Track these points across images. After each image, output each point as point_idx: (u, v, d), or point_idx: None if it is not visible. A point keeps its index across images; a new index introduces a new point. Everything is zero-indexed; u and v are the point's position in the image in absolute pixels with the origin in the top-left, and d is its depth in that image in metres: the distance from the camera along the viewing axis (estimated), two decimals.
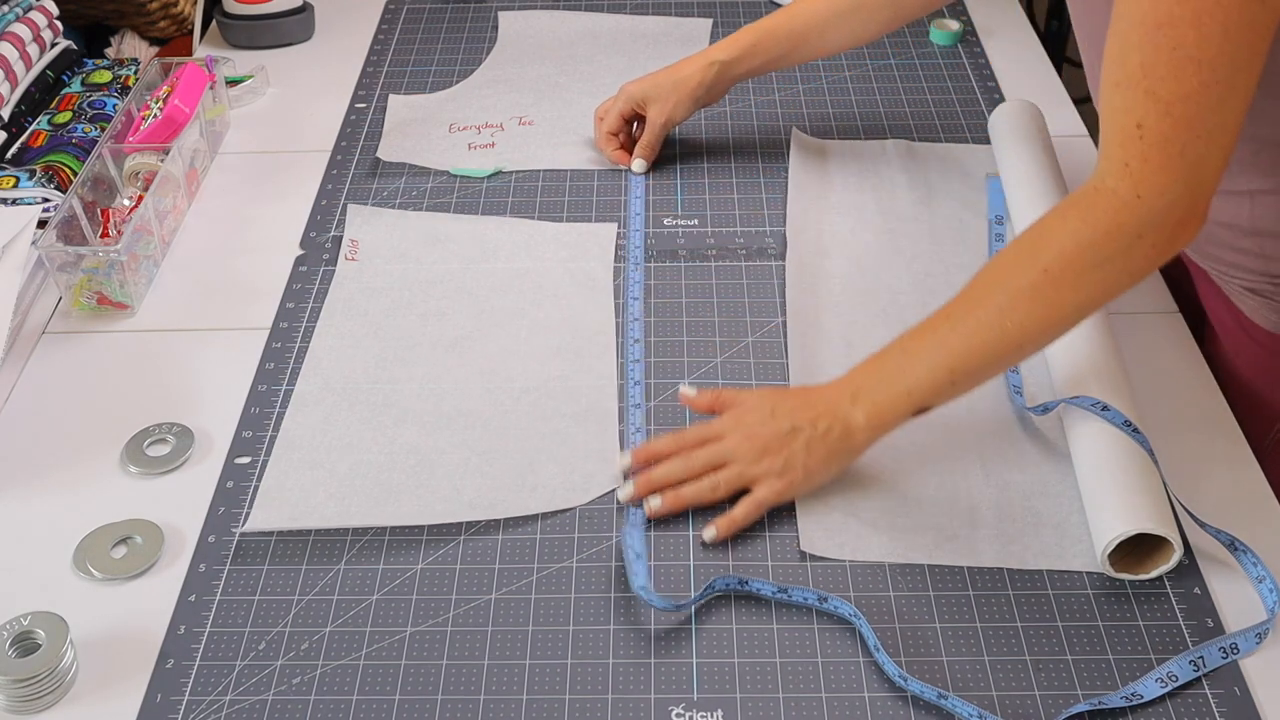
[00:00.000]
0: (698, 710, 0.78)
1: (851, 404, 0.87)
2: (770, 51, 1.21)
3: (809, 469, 0.88)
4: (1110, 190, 0.79)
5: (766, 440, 0.88)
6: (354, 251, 1.16)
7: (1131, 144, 0.78)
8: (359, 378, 1.02)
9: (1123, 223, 0.79)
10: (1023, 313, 0.82)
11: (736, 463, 0.88)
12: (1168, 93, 0.75)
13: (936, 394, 0.86)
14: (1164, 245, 0.80)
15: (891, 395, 0.87)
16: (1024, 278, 0.82)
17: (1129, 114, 0.77)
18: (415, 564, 0.87)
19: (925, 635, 0.82)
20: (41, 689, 0.78)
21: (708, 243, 1.18)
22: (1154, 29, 0.74)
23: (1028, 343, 0.84)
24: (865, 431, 0.87)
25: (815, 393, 0.90)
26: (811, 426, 0.87)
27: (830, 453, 0.88)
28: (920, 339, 0.87)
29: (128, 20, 1.51)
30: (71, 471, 0.95)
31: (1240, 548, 0.85)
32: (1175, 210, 0.79)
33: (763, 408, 0.90)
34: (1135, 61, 0.76)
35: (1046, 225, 0.83)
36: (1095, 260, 0.80)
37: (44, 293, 1.12)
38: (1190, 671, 0.79)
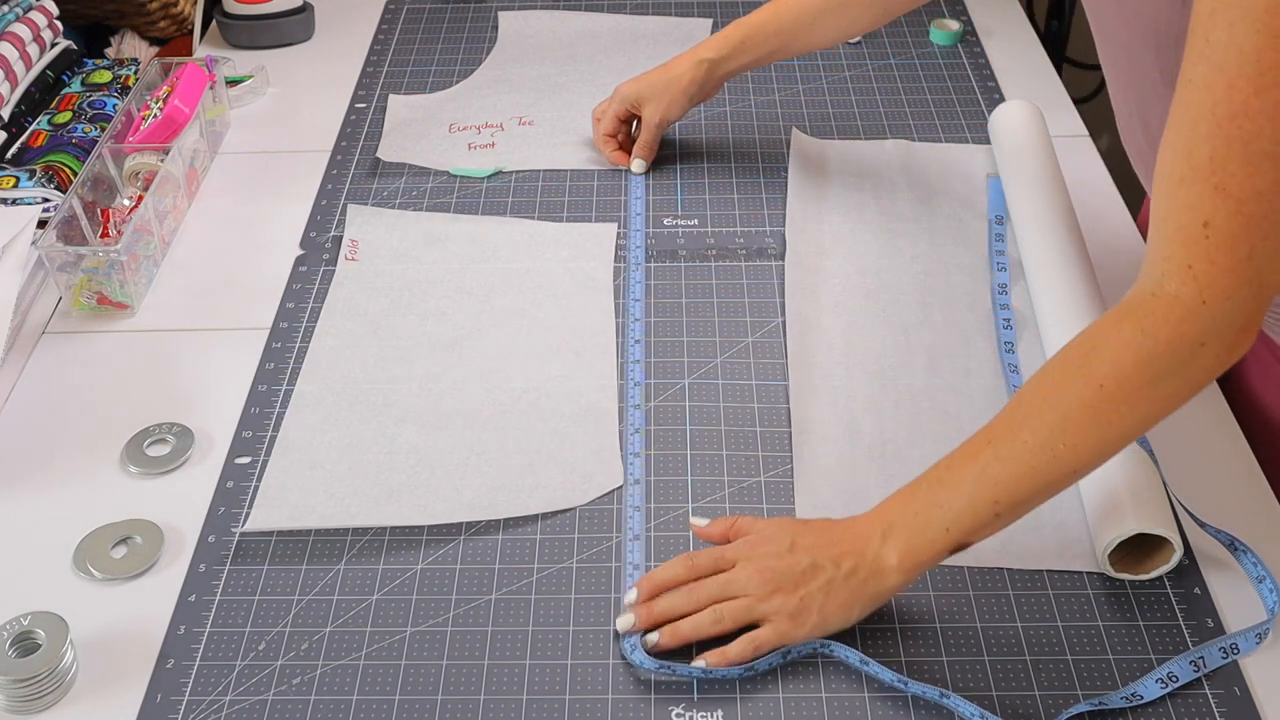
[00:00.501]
0: (698, 710, 0.78)
1: (883, 542, 0.79)
2: (760, 48, 1.21)
3: (825, 613, 0.79)
4: (1171, 296, 0.72)
5: (781, 575, 0.80)
6: (354, 251, 1.16)
7: (1196, 244, 0.70)
8: (359, 377, 1.02)
9: (1185, 332, 0.72)
10: (1076, 434, 0.74)
11: (746, 596, 0.80)
12: (1239, 189, 0.68)
13: (979, 528, 0.78)
14: (1225, 354, 0.73)
15: (929, 532, 0.78)
16: (1076, 396, 0.74)
17: (1195, 211, 0.70)
18: (415, 564, 0.87)
19: (925, 635, 0.82)
20: (41, 689, 0.78)
21: (708, 243, 1.18)
22: (1226, 121, 0.67)
23: (1082, 466, 0.76)
24: (898, 574, 0.79)
25: (841, 527, 0.82)
26: (834, 566, 0.79)
27: (853, 596, 0.79)
28: (959, 467, 0.78)
29: (128, 20, 1.51)
30: (71, 471, 0.95)
31: (1240, 548, 0.85)
32: (1240, 315, 0.72)
33: (781, 539, 0.82)
34: (1204, 154, 0.69)
35: (1098, 337, 0.75)
36: (1155, 374, 0.73)
37: (44, 293, 1.12)
38: (1190, 672, 0.79)
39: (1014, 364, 1.02)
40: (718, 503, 0.91)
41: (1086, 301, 1.01)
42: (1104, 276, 1.06)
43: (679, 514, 0.91)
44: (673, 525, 0.90)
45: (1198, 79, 0.69)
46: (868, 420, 0.98)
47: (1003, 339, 1.04)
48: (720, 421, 0.98)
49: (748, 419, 0.98)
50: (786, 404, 0.99)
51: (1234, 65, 0.67)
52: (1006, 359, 1.02)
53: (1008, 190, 1.18)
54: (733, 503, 0.91)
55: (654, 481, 0.93)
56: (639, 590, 0.83)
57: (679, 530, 0.89)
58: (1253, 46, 0.66)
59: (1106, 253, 1.11)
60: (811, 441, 0.96)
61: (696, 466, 0.94)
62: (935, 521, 0.78)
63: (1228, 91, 0.67)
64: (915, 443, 0.96)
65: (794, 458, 0.95)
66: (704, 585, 0.81)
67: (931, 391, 1.00)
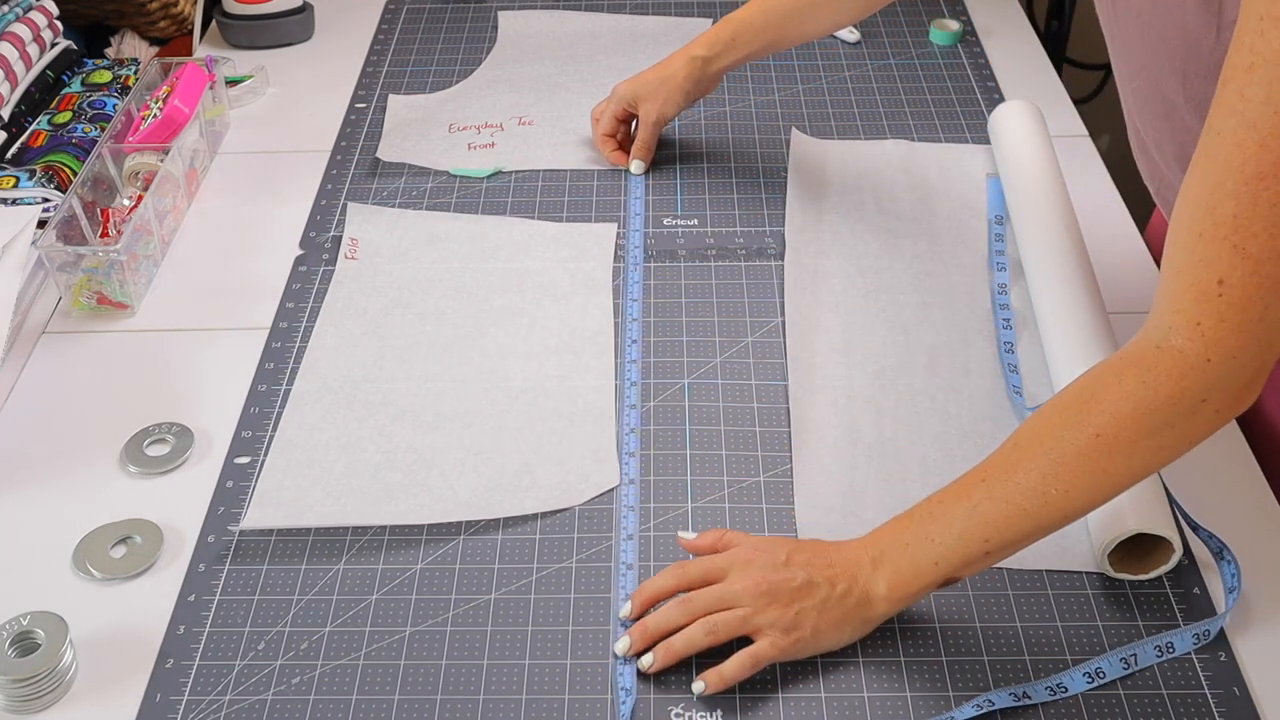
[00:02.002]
0: (698, 710, 0.78)
1: (873, 569, 0.79)
2: (751, 42, 1.21)
3: (819, 629, 0.79)
4: (1176, 350, 0.71)
5: (776, 588, 0.79)
6: (354, 250, 1.16)
7: (1208, 301, 0.69)
8: (357, 376, 1.02)
9: (1187, 387, 0.71)
10: (1070, 480, 0.74)
11: (740, 607, 0.79)
12: (1259, 250, 0.67)
13: (969, 564, 0.78)
14: (1227, 410, 0.73)
15: (918, 565, 0.78)
16: (1072, 442, 0.74)
17: (1211, 268, 0.69)
18: (415, 564, 0.87)
19: (925, 635, 0.82)
20: (41, 689, 0.78)
21: (707, 243, 1.18)
22: (1254, 180, 0.66)
23: (1073, 511, 0.76)
24: (886, 603, 0.79)
25: (833, 549, 0.81)
26: (830, 585, 0.79)
27: (845, 617, 0.79)
28: (952, 502, 0.78)
29: (128, 20, 1.51)
30: (71, 471, 0.95)
31: (1228, 558, 0.85)
32: (1245, 374, 0.71)
33: (775, 552, 0.81)
34: (1228, 212, 0.67)
35: (1098, 384, 0.75)
36: (1153, 426, 0.73)
37: (44, 293, 1.12)
38: (1120, 669, 0.79)
39: (1013, 364, 1.02)
40: (717, 503, 0.91)
41: (1086, 301, 1.01)
42: (1103, 276, 1.06)
43: (679, 513, 0.91)
44: (672, 525, 0.90)
45: (1228, 134, 0.67)
46: (867, 420, 0.98)
47: (1002, 339, 1.04)
48: (719, 421, 0.98)
49: (747, 419, 0.98)
50: (786, 404, 0.99)
51: (1268, 125, 0.65)
52: (1006, 359, 1.02)
53: (1008, 190, 1.18)
54: (732, 502, 0.91)
55: (654, 481, 0.93)
56: (632, 604, 0.82)
57: (679, 530, 0.89)
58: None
59: (1106, 253, 1.11)
60: (811, 441, 0.96)
61: (696, 466, 0.94)
62: (925, 554, 0.78)
63: (1258, 151, 0.66)
64: (915, 443, 0.96)
65: (793, 458, 0.95)
66: (698, 597, 0.80)
67: (931, 391, 1.00)
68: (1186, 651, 0.81)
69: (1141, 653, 0.80)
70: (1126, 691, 0.79)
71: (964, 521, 0.77)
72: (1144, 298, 1.10)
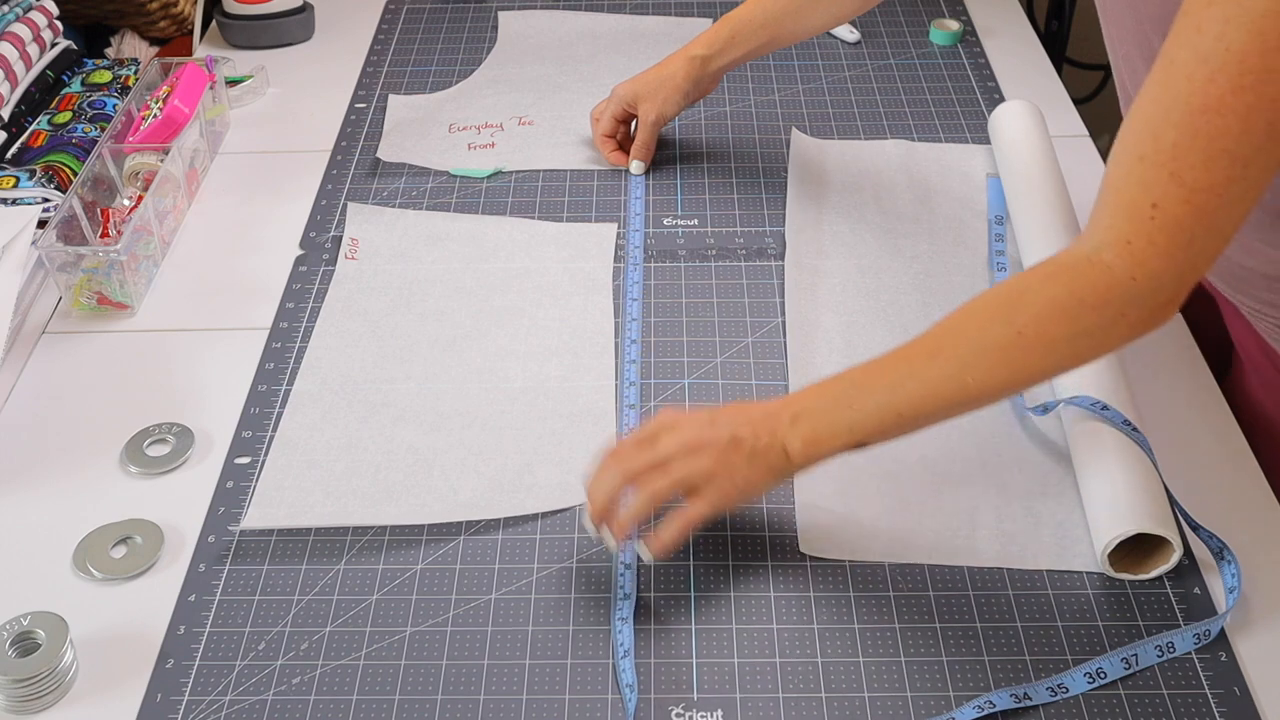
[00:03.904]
0: (698, 710, 0.78)
1: (791, 425, 0.82)
2: (750, 40, 1.21)
3: (749, 481, 0.83)
4: (1105, 265, 0.75)
5: (704, 445, 0.83)
6: (354, 250, 1.16)
7: (1141, 223, 0.73)
8: (357, 376, 1.03)
9: (1110, 300, 0.75)
10: (987, 370, 0.79)
11: (678, 463, 0.83)
12: (1194, 180, 0.70)
13: (881, 433, 0.82)
14: (1143, 324, 0.77)
15: (833, 427, 0.82)
16: (995, 336, 0.78)
17: (1146, 191, 0.72)
18: (415, 564, 0.88)
19: (925, 635, 0.82)
20: (41, 689, 0.78)
21: (707, 243, 1.18)
22: (1198, 112, 0.69)
23: (985, 398, 0.80)
24: (799, 457, 0.82)
25: (755, 408, 0.85)
26: (753, 439, 0.82)
27: (769, 469, 0.83)
28: (874, 376, 0.82)
29: (128, 20, 1.51)
30: (71, 471, 0.95)
31: (1228, 558, 0.85)
32: (1164, 293, 0.75)
33: (700, 417, 0.85)
34: (1169, 140, 0.70)
35: (1028, 285, 0.79)
36: (1073, 332, 0.77)
37: (44, 293, 1.12)
38: (1121, 669, 0.79)
39: None
40: None
41: None
42: None
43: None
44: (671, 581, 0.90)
45: (1180, 64, 0.70)
46: None
47: None
48: None
49: None
50: None
51: (1218, 60, 0.68)
52: None
53: (1008, 190, 1.18)
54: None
55: None
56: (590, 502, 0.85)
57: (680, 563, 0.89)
58: (1240, 46, 0.67)
59: None
60: None
61: None
62: (841, 419, 0.82)
63: (1205, 84, 0.69)
64: (915, 442, 0.96)
65: None
66: (631, 459, 0.84)
67: None
68: (1187, 651, 0.81)
69: (1142, 653, 0.80)
70: (1127, 691, 0.79)
71: (883, 394, 0.81)
72: None
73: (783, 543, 0.89)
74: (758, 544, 0.88)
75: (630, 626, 0.82)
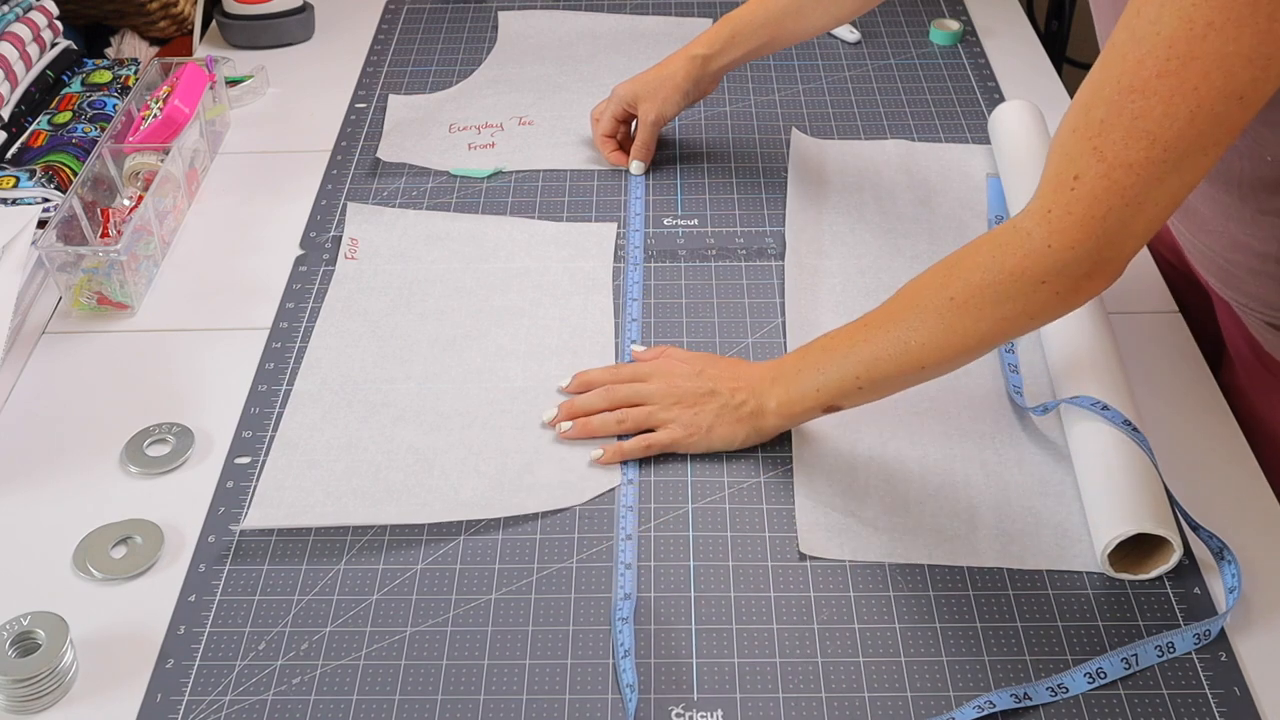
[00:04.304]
0: (698, 710, 0.78)
1: (770, 386, 0.91)
2: (750, 40, 1.21)
3: (713, 430, 0.93)
4: (1025, 231, 0.78)
5: (684, 392, 0.94)
6: (354, 250, 1.16)
7: (1062, 193, 0.76)
8: (358, 376, 1.03)
9: (1029, 267, 0.78)
10: (927, 334, 0.83)
11: (651, 404, 0.94)
12: (1114, 156, 0.73)
13: (844, 397, 0.89)
14: (1068, 294, 0.79)
15: (804, 389, 0.89)
16: (933, 301, 0.83)
17: (1071, 163, 0.75)
18: (415, 564, 0.87)
19: (926, 635, 0.82)
20: (41, 689, 0.78)
21: (708, 243, 1.18)
22: (1126, 91, 0.72)
23: (929, 364, 0.85)
24: (774, 417, 0.92)
25: (745, 367, 0.95)
26: (730, 395, 0.93)
27: (740, 425, 0.92)
28: (841, 341, 0.89)
29: (128, 20, 1.51)
30: (71, 471, 0.95)
31: (1228, 558, 0.85)
32: (1080, 266, 0.77)
33: (693, 364, 0.96)
34: (1098, 117, 0.73)
35: (964, 253, 0.83)
36: (997, 297, 0.80)
37: (44, 293, 1.12)
38: (1121, 669, 0.79)
39: (1014, 364, 1.02)
40: (717, 503, 0.91)
41: None
42: None
43: (679, 513, 0.91)
44: (672, 525, 0.90)
45: (1118, 44, 0.73)
46: (867, 420, 0.98)
47: None
48: None
49: None
50: None
51: (1149, 43, 0.70)
52: (1006, 359, 1.02)
53: (1007, 190, 1.18)
54: (732, 503, 0.91)
55: (654, 481, 0.93)
56: (572, 382, 0.99)
57: (678, 530, 0.90)
58: (1170, 31, 0.69)
59: None
60: (811, 441, 0.96)
61: (696, 466, 0.94)
62: (810, 382, 0.89)
63: (1135, 65, 0.71)
64: (915, 443, 0.96)
65: (794, 458, 0.95)
66: (619, 389, 0.96)
67: (931, 391, 1.00)
68: (1187, 651, 0.81)
69: (1142, 653, 0.80)
70: (1127, 691, 0.79)
71: (845, 359, 0.88)
72: (1144, 297, 1.10)
73: (783, 543, 0.89)
74: (758, 544, 0.88)
75: (630, 626, 0.82)
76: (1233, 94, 0.70)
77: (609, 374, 0.98)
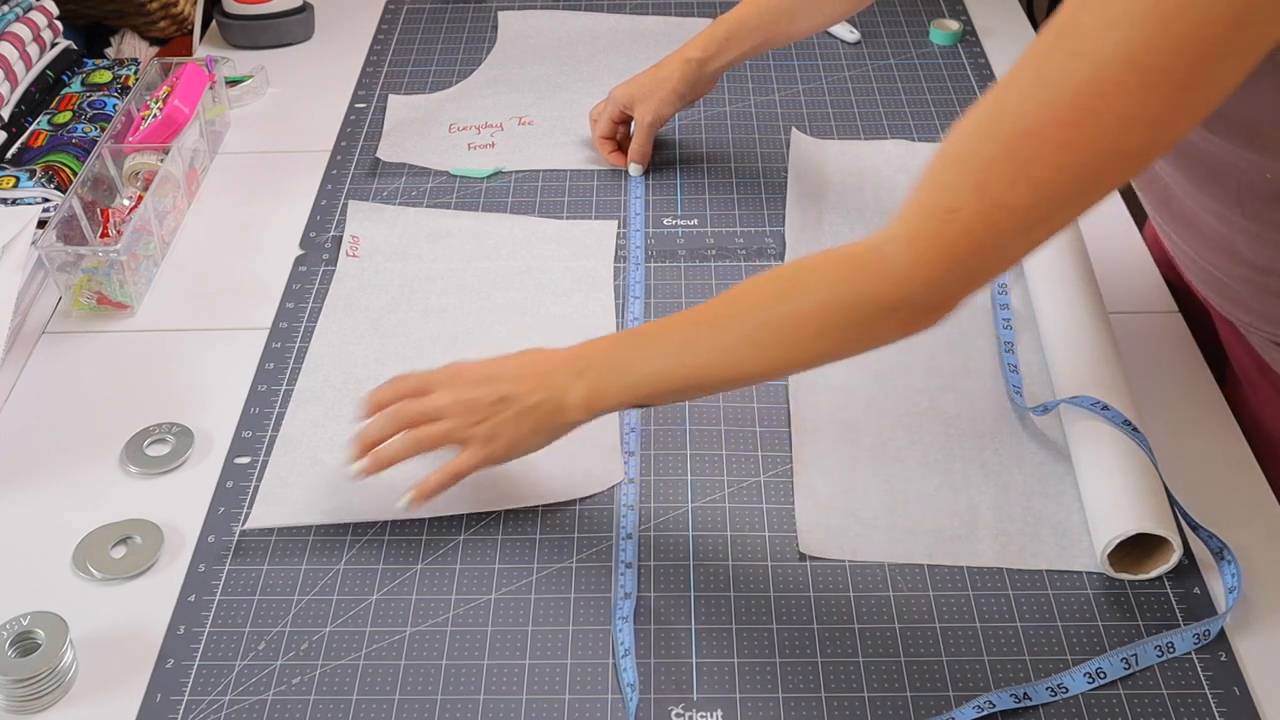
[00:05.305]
0: (698, 710, 0.78)
1: (575, 379, 0.84)
2: (745, 41, 1.21)
3: (514, 440, 0.85)
4: (887, 257, 0.74)
5: (474, 402, 0.86)
6: (354, 248, 1.16)
7: (933, 223, 0.72)
8: (360, 374, 1.03)
9: (884, 293, 0.75)
10: (764, 346, 0.79)
11: (444, 420, 0.86)
12: (996, 196, 0.69)
13: (663, 395, 0.84)
14: (913, 324, 0.77)
15: (618, 383, 0.83)
16: (775, 313, 0.79)
17: (950, 193, 0.71)
18: (415, 564, 0.88)
19: (925, 635, 0.82)
20: (41, 689, 0.78)
21: (708, 243, 1.18)
22: (1021, 134, 0.68)
23: (759, 374, 0.82)
24: (579, 410, 0.84)
25: (539, 358, 0.87)
26: (526, 396, 0.85)
27: (539, 425, 0.85)
28: (662, 337, 0.84)
29: (128, 20, 1.51)
30: (71, 471, 0.95)
31: (1228, 558, 0.85)
32: (932, 299, 0.75)
33: (478, 373, 0.88)
34: (988, 152, 0.70)
35: (814, 266, 0.79)
36: (846, 320, 0.77)
37: (44, 293, 1.12)
38: (1121, 669, 0.79)
39: (1013, 364, 1.02)
40: (717, 502, 0.91)
41: (1086, 301, 1.01)
42: (1103, 277, 1.06)
43: (679, 513, 0.91)
44: (672, 525, 0.90)
45: (1020, 83, 0.69)
46: (867, 420, 0.98)
47: (1002, 339, 1.04)
48: (720, 421, 0.98)
49: (747, 419, 0.98)
50: (786, 404, 0.99)
51: (1057, 90, 0.67)
52: (1006, 359, 1.02)
53: None
54: (732, 502, 0.91)
55: (653, 481, 0.93)
56: (361, 407, 0.89)
57: (678, 530, 0.90)
58: (1080, 82, 0.66)
59: (1105, 253, 1.11)
60: (811, 441, 0.96)
61: (696, 466, 0.94)
62: (627, 376, 0.83)
63: (1037, 109, 0.67)
64: (915, 443, 0.96)
65: (794, 458, 0.95)
66: (405, 408, 0.87)
67: (931, 391, 1.00)
68: (1187, 651, 0.81)
69: (1142, 653, 0.80)
70: (1127, 691, 0.79)
71: (669, 357, 0.82)
72: (1144, 298, 1.10)
73: (783, 543, 0.89)
74: (758, 544, 0.88)
75: (630, 626, 0.82)
76: (1125, 153, 0.68)
77: (393, 390, 0.89)
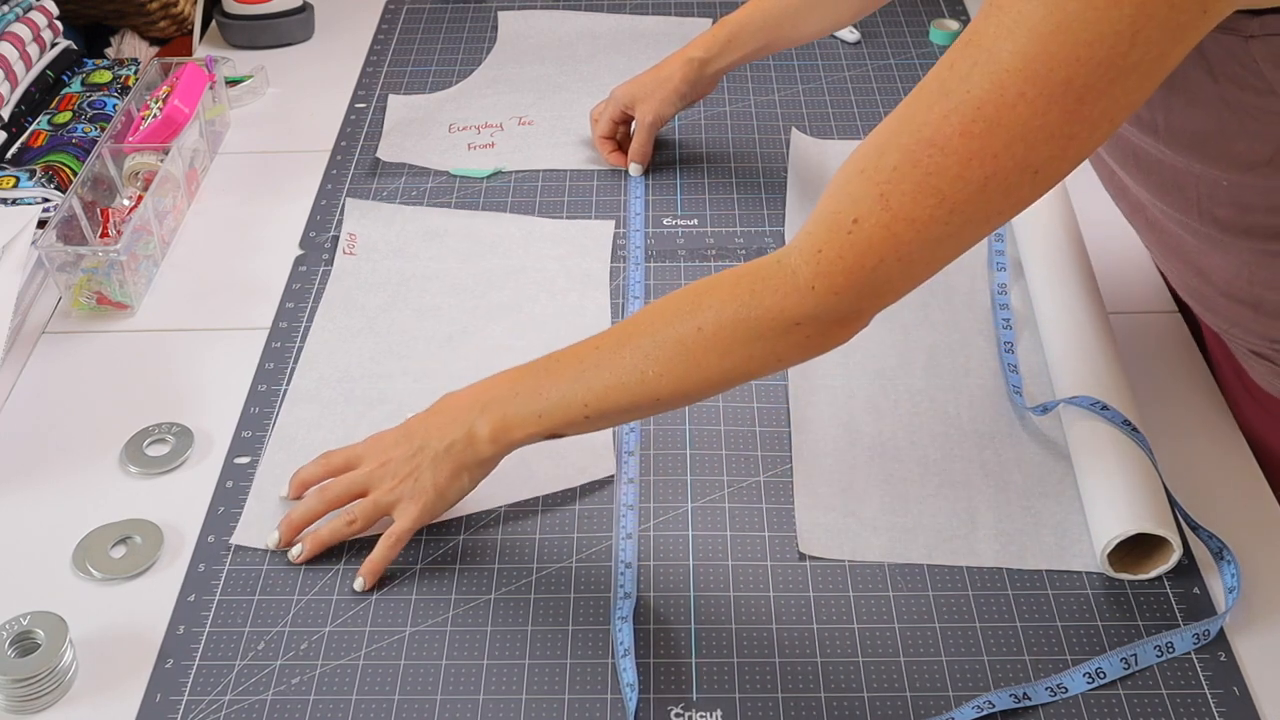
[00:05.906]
0: (697, 710, 0.78)
1: (480, 414, 0.84)
2: (748, 43, 1.21)
3: (439, 487, 0.85)
4: (790, 269, 0.74)
5: (398, 462, 0.86)
6: (352, 245, 1.16)
7: (837, 234, 0.72)
8: (355, 372, 1.03)
9: (787, 307, 0.74)
10: (665, 364, 0.78)
11: (373, 489, 0.86)
12: (899, 208, 0.69)
13: (570, 425, 0.82)
14: (818, 339, 0.76)
15: (522, 414, 0.82)
16: (677, 330, 0.78)
17: (854, 204, 0.71)
18: (415, 564, 0.87)
19: (925, 635, 0.82)
20: (41, 689, 0.78)
21: (707, 243, 1.18)
22: (924, 144, 0.68)
23: (665, 396, 0.79)
24: (489, 445, 0.83)
25: (449, 401, 0.87)
26: (438, 442, 0.85)
27: (458, 466, 0.85)
28: (565, 365, 0.82)
29: (128, 20, 1.51)
30: (71, 471, 0.95)
31: (1228, 558, 0.85)
32: (837, 313, 0.74)
33: (398, 430, 0.88)
34: (891, 162, 0.69)
35: (718, 282, 0.78)
36: (748, 335, 0.76)
37: (44, 293, 1.12)
38: (1120, 669, 0.79)
39: (1013, 364, 1.02)
40: (717, 502, 0.91)
41: (1086, 301, 1.01)
42: (1103, 276, 1.06)
43: (678, 513, 0.91)
44: (672, 525, 0.90)
45: (926, 93, 0.69)
46: (867, 420, 0.98)
47: (1002, 339, 1.04)
48: (720, 421, 0.98)
49: (747, 419, 0.98)
50: (786, 404, 0.99)
51: (957, 99, 0.66)
52: (1006, 359, 1.02)
53: None
54: (732, 502, 0.91)
55: (653, 481, 0.93)
56: (289, 489, 0.90)
57: (678, 530, 0.90)
58: (981, 93, 0.66)
59: (1105, 253, 1.11)
60: (811, 441, 0.96)
61: (696, 466, 0.94)
62: (531, 407, 0.82)
63: (940, 119, 0.67)
64: (915, 443, 0.96)
65: (793, 458, 0.95)
66: (333, 485, 0.88)
67: (931, 391, 1.00)
68: (1186, 651, 0.81)
69: (1141, 653, 0.80)
70: (1126, 691, 0.79)
71: (571, 384, 0.81)
72: (1144, 297, 1.10)
73: (782, 543, 0.89)
74: (757, 544, 0.88)
75: (630, 626, 0.82)
76: (1029, 167, 0.67)
77: (321, 467, 0.89)
